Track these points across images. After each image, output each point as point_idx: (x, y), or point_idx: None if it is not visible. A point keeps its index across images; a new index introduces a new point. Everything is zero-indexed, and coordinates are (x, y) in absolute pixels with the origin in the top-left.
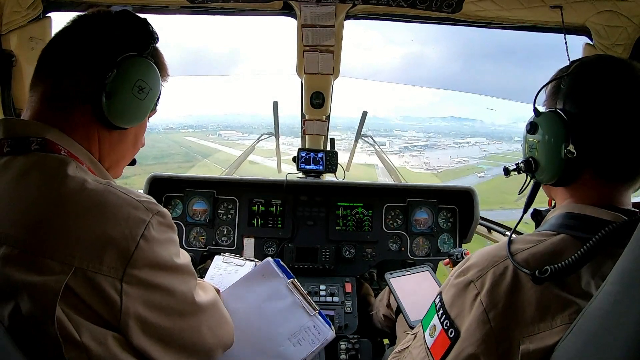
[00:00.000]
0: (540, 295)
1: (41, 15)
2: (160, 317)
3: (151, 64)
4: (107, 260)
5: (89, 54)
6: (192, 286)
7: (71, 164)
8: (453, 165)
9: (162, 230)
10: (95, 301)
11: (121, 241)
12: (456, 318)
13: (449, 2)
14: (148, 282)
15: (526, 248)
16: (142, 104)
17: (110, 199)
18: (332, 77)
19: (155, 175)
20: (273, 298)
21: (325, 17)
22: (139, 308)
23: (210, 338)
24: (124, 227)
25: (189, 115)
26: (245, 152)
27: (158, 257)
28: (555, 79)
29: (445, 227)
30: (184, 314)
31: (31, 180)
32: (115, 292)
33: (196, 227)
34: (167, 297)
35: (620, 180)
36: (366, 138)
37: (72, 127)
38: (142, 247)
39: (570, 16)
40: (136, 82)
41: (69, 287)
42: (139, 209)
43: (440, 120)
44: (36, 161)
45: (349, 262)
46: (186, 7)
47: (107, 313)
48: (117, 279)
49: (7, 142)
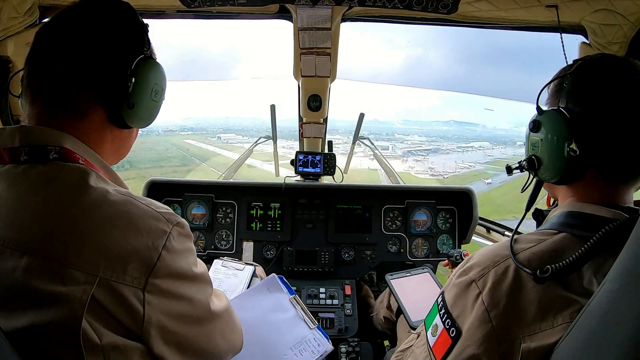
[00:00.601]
0: (541, 294)
1: (38, 21)
2: (179, 325)
3: (159, 64)
4: (130, 271)
5: (98, 57)
6: (208, 294)
7: (92, 175)
8: (459, 171)
9: (181, 240)
10: (119, 311)
11: (144, 252)
12: (458, 317)
13: (444, 2)
14: (169, 291)
15: (527, 247)
16: (157, 105)
17: (133, 210)
18: (329, 79)
19: (154, 180)
20: (277, 310)
21: (321, 19)
22: (161, 317)
23: (222, 343)
24: (146, 238)
25: (189, 118)
26: (242, 155)
27: (178, 268)
28: (557, 78)
29: (444, 228)
30: (201, 321)
31: (52, 190)
32: (138, 301)
33: (195, 231)
34: (187, 305)
35: (622, 178)
36: (364, 140)
37: (85, 133)
38: (164, 258)
39: (565, 15)
40: (153, 87)
41: (93, 297)
42: (160, 221)
43: (442, 125)
44: (56, 170)
45: (348, 265)
46: (182, 11)
47: (130, 322)
48: (140, 289)
49: (25, 150)
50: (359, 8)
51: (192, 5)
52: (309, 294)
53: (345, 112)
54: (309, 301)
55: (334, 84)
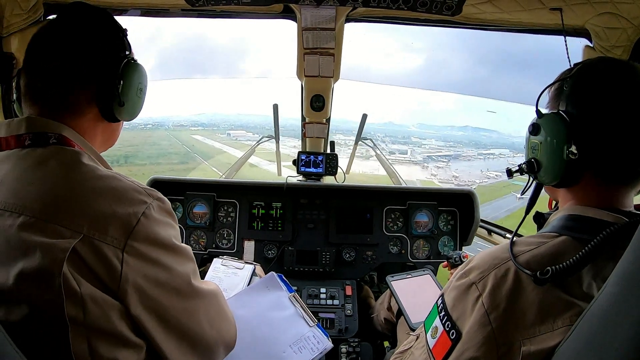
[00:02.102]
0: (541, 297)
1: (42, 18)
2: (157, 291)
3: (140, 65)
4: (111, 232)
5: (92, 61)
6: (189, 269)
7: (84, 155)
8: (485, 181)
9: (161, 213)
10: (98, 266)
11: (125, 216)
12: (458, 320)
13: (448, 4)
14: (147, 255)
15: (528, 250)
16: (141, 100)
17: (118, 184)
18: (333, 79)
19: (156, 178)
20: (276, 308)
21: (325, 20)
22: (138, 278)
23: (209, 329)
24: (128, 206)
25: (202, 114)
26: (245, 154)
27: (157, 235)
28: (558, 81)
29: (446, 230)
30: (181, 294)
31: (50, 166)
32: (117, 260)
33: (196, 230)
34: (165, 273)
35: (622, 182)
36: (366, 141)
37: (82, 127)
38: (143, 223)
39: (569, 18)
40: (138, 86)
41: (76, 250)
42: (142, 193)
43: (457, 130)
44: (54, 152)
45: (349, 265)
46: (187, 9)
47: (108, 278)
48: (119, 249)
49: (29, 136)
50: (363, 9)
51: (196, 4)
52: (309, 294)
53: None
54: (309, 301)
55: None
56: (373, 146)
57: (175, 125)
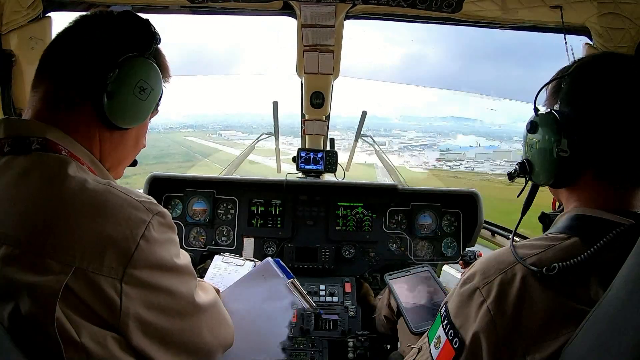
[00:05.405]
0: (548, 304)
1: (41, 15)
2: (160, 318)
3: (153, 64)
4: (107, 261)
5: (91, 54)
6: (192, 287)
7: (72, 164)
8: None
9: (162, 230)
10: (95, 302)
11: (121, 242)
12: (461, 327)
13: (449, 2)
14: (148, 282)
15: (535, 253)
16: (143, 104)
17: (111, 199)
18: (332, 77)
19: (155, 175)
20: (273, 298)
21: (325, 16)
22: (139, 309)
23: (209, 338)
24: (124, 227)
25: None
26: (244, 151)
27: (158, 258)
28: (556, 79)
29: (449, 231)
30: (184, 314)
31: (31, 181)
32: (115, 292)
33: (196, 227)
34: (167, 297)
35: (625, 182)
36: (366, 138)
37: (74, 127)
38: (143, 248)
39: (570, 16)
40: (137, 82)
41: (68, 288)
42: (140, 210)
43: (440, 120)
44: (36, 161)
45: (348, 262)
46: (186, 6)
47: (106, 314)
48: (117, 280)
49: (8, 141)
50: (363, 6)
51: (196, 1)
52: (308, 290)
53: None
54: None
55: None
56: (373, 143)
57: (165, 128)
